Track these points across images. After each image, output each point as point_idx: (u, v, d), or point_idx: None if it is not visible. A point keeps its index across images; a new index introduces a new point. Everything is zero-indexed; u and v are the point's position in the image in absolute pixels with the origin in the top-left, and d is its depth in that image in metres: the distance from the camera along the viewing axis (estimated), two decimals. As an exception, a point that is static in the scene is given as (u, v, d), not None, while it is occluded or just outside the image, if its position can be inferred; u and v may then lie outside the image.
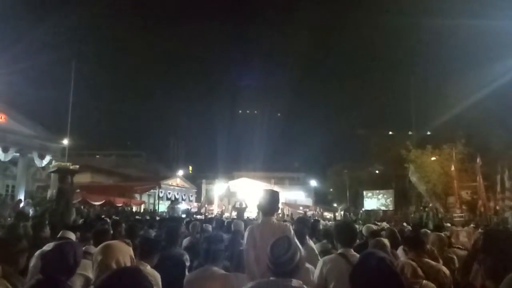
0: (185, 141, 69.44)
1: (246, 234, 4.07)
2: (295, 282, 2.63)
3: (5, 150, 24.36)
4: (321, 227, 8.55)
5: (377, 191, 38.57)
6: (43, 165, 26.04)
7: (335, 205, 45.64)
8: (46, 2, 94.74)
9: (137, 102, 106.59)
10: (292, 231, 3.92)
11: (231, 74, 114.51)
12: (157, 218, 16.17)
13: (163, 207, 36.15)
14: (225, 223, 8.52)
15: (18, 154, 25.34)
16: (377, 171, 42.60)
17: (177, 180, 43.54)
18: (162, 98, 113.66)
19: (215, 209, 34.11)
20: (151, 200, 38.43)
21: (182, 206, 36.23)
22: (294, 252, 2.71)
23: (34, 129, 26.31)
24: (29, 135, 25.77)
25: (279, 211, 24.61)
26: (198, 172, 54.89)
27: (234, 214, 27.76)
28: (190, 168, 59.65)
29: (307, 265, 3.88)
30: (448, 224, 12.54)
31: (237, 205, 29.21)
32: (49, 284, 2.53)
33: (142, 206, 33.96)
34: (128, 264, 2.58)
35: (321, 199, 48.26)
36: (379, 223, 12.94)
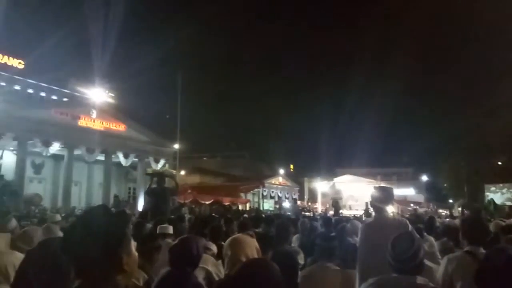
0: (286, 139, 70.15)
1: (360, 231, 3.99)
2: (420, 279, 2.49)
3: (126, 156, 27.06)
4: (437, 224, 7.99)
5: (501, 185, 34.81)
6: (158, 168, 28.34)
7: (450, 201, 42.31)
8: (156, 22, 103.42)
9: (239, 103, 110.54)
10: (410, 227, 3.73)
11: (334, 69, 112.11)
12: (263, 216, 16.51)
13: (267, 205, 36.98)
14: (333, 221, 8.37)
15: (136, 159, 27.92)
16: (499, 162, 38.41)
17: (280, 179, 44.19)
18: (263, 98, 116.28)
19: (319, 207, 33.92)
20: (256, 199, 39.56)
21: (286, 204, 36.66)
22: (417, 248, 2.58)
23: (149, 136, 28.78)
24: (145, 142, 28.27)
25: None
26: (299, 170, 55.00)
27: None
28: (292, 166, 59.97)
29: (428, 263, 3.65)
30: None
31: (334, 203, 28.78)
32: (178, 275, 2.73)
33: (248, 205, 35.09)
34: (255, 255, 2.66)
35: (434, 195, 45.01)
36: (505, 220, 11.60)
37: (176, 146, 30.12)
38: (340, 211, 25.58)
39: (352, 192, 36.26)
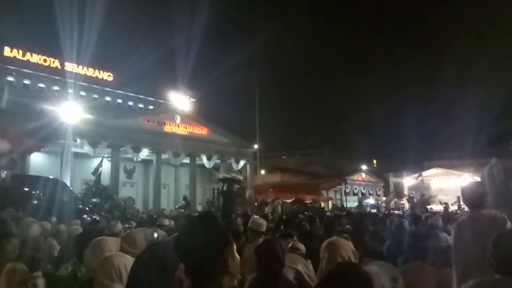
0: (367, 133, 68.15)
1: (452, 229, 3.80)
2: None
3: (209, 159, 28.11)
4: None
5: None
6: (239, 168, 29.06)
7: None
8: (231, 29, 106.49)
9: (316, 100, 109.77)
10: (510, 224, 3.47)
11: (419, 55, 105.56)
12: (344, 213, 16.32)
13: (350, 202, 36.15)
14: (423, 218, 8.04)
15: (219, 161, 28.87)
16: None
17: (362, 175, 43.06)
18: (341, 92, 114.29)
19: (405, 203, 32.41)
20: (338, 196, 38.91)
21: (371, 201, 35.55)
22: None
23: (230, 138, 29.60)
24: (226, 144, 29.13)
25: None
26: (384, 165, 53.09)
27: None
28: (375, 161, 58.09)
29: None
30: None
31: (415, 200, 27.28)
32: (267, 274, 2.83)
33: (330, 202, 34.62)
34: (352, 257, 2.70)
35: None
36: None
37: (256, 146, 30.71)
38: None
39: (442, 186, 34.27)
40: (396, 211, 22.24)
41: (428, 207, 25.55)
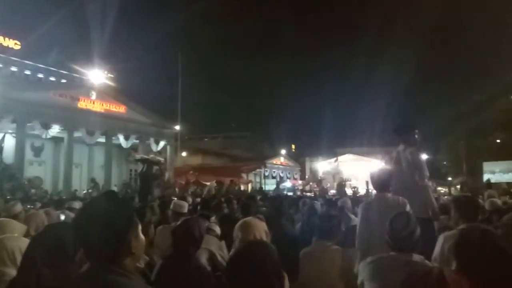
0: (287, 119, 70.08)
1: (359, 210, 4.06)
2: (416, 257, 2.60)
3: (126, 138, 26.98)
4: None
5: (500, 162, 34.77)
6: (158, 149, 28.36)
7: (449, 179, 42.53)
8: (155, 3, 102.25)
9: (239, 84, 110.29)
10: (408, 206, 3.80)
11: (335, 49, 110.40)
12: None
13: (269, 185, 37.18)
14: (333, 200, 8.50)
15: (137, 141, 27.88)
16: (498, 140, 38.32)
17: (281, 159, 44.34)
18: (264, 78, 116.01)
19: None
20: (257, 179, 39.77)
21: (288, 184, 36.85)
22: (414, 228, 2.67)
23: (150, 118, 28.64)
24: (146, 123, 28.15)
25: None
26: (301, 150, 55.12)
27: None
28: (293, 146, 60.10)
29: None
30: None
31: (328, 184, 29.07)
32: (180, 256, 2.79)
33: (250, 185, 35.28)
34: (264, 237, 2.76)
35: (434, 173, 45.07)
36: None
37: (177, 127, 30.14)
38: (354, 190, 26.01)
39: (354, 171, 36.57)
40: (308, 193, 23.33)
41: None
